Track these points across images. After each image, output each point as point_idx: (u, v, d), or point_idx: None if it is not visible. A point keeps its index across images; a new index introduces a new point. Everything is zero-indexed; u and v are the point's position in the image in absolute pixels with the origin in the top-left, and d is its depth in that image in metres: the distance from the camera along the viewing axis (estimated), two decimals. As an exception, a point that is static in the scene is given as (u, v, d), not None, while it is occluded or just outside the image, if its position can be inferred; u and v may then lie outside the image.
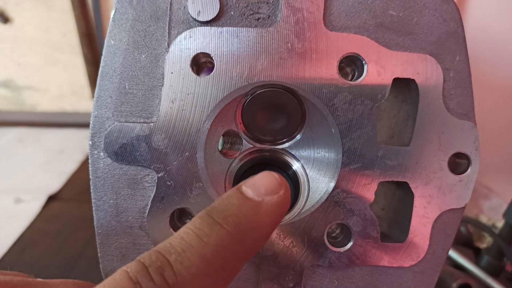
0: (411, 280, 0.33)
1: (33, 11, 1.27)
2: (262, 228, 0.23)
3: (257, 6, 0.31)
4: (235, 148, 0.35)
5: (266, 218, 0.23)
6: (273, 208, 0.23)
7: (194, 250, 0.21)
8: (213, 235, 0.21)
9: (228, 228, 0.22)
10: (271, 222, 0.23)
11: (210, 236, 0.21)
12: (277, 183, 0.24)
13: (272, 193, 0.23)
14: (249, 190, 0.24)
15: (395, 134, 0.35)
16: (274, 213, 0.23)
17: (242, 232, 0.22)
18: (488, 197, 1.08)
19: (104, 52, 0.31)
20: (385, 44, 0.31)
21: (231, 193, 0.24)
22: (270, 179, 0.24)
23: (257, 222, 0.23)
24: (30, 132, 1.40)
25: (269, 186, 0.24)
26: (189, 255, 0.20)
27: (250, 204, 0.23)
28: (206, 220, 0.22)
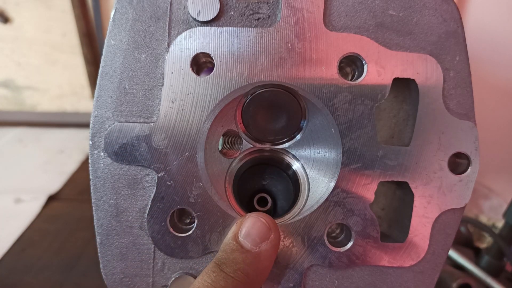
0: (411, 280, 0.33)
1: (33, 11, 1.27)
2: (264, 270, 0.29)
3: (257, 6, 0.31)
4: (235, 148, 0.35)
5: (266, 262, 0.29)
6: (269, 252, 0.29)
7: None
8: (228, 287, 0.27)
9: (240, 279, 0.27)
10: (270, 262, 0.29)
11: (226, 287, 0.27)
12: (267, 228, 0.29)
13: (265, 239, 0.29)
14: (247, 243, 0.29)
15: (395, 134, 0.35)
16: (271, 254, 0.29)
17: (251, 280, 0.27)
18: (488, 197, 1.08)
19: (104, 52, 0.31)
20: (385, 44, 0.31)
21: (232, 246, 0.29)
22: (261, 225, 0.29)
23: (260, 268, 0.28)
24: (30, 132, 1.40)
25: (261, 234, 0.29)
26: None
27: (251, 255, 0.28)
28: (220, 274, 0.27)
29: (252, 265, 0.28)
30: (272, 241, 0.29)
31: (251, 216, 0.30)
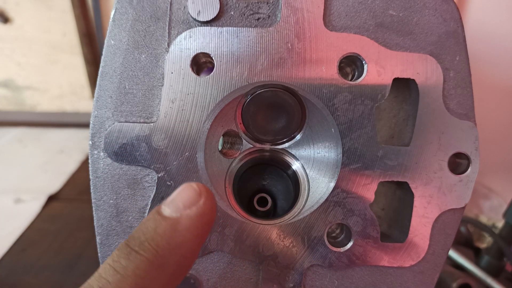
0: (411, 280, 0.33)
1: (33, 11, 1.27)
2: (183, 247, 0.21)
3: (257, 6, 0.31)
4: (235, 148, 0.35)
5: (187, 234, 0.21)
6: (193, 221, 0.21)
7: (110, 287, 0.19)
8: (130, 266, 0.20)
9: (145, 254, 0.20)
10: (193, 237, 0.21)
11: (127, 267, 0.20)
12: (195, 193, 0.22)
13: (191, 205, 0.22)
14: (167, 208, 0.22)
15: (395, 134, 0.35)
16: (196, 226, 0.21)
17: (161, 256, 0.20)
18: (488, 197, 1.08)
19: (104, 52, 0.31)
20: (385, 44, 0.31)
21: (149, 215, 0.22)
22: (188, 190, 0.22)
23: (176, 241, 0.21)
24: (30, 132, 1.40)
25: (186, 199, 0.22)
26: None
27: (167, 223, 0.21)
28: (123, 251, 0.20)
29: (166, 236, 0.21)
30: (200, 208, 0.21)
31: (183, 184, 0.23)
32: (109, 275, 0.20)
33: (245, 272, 0.33)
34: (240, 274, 0.33)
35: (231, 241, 0.32)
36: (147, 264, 0.20)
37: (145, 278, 0.20)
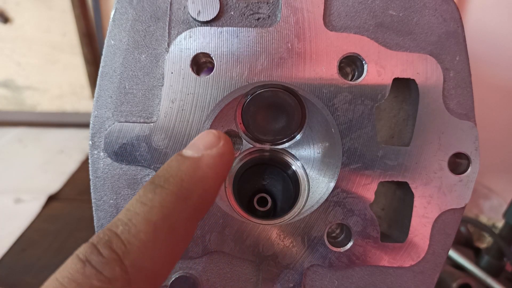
0: (411, 280, 0.33)
1: (33, 11, 1.27)
2: (205, 181, 0.23)
3: (257, 6, 0.31)
4: (235, 148, 0.35)
5: (208, 170, 0.23)
6: (214, 159, 0.23)
7: (139, 217, 0.20)
8: (157, 198, 0.21)
9: (171, 187, 0.22)
10: (214, 174, 0.23)
11: (154, 199, 0.21)
12: (214, 137, 0.24)
13: (211, 146, 0.24)
14: (188, 150, 0.24)
15: (395, 134, 0.35)
16: (216, 164, 0.23)
17: (185, 189, 0.22)
18: (488, 197, 1.08)
19: (104, 52, 0.31)
20: (385, 44, 0.31)
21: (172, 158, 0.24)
22: (208, 135, 0.24)
23: (199, 176, 0.22)
24: (30, 132, 1.40)
25: (207, 142, 0.24)
26: (135, 223, 0.20)
27: (189, 161, 0.23)
28: (148, 187, 0.22)
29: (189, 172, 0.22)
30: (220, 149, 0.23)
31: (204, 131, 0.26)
32: (137, 207, 0.21)
33: (245, 272, 0.33)
34: (240, 274, 0.33)
35: (231, 241, 0.32)
36: (173, 196, 0.21)
37: (171, 208, 0.21)
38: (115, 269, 0.19)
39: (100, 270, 0.19)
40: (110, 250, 0.19)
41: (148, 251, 0.20)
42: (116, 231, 0.20)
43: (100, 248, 0.19)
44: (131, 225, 0.20)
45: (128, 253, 0.19)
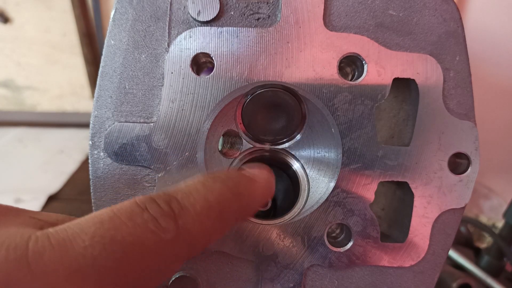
0: (411, 280, 0.33)
1: (33, 11, 1.27)
2: (254, 195, 0.27)
3: (257, 6, 0.31)
4: (235, 148, 0.35)
5: (258, 189, 0.27)
6: (263, 185, 0.28)
7: (199, 193, 0.23)
8: (217, 186, 0.24)
9: (229, 185, 0.25)
10: (261, 194, 0.28)
11: (214, 186, 0.24)
12: (266, 172, 0.29)
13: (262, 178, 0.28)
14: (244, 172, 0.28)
15: (395, 134, 0.35)
16: (264, 189, 0.28)
17: (240, 192, 0.25)
18: (488, 197, 1.08)
19: (104, 52, 0.31)
20: (385, 44, 0.31)
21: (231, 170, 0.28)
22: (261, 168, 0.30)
23: (251, 189, 0.27)
24: (30, 132, 1.40)
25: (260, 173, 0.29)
26: (195, 196, 0.23)
27: (246, 176, 0.27)
28: (209, 177, 0.25)
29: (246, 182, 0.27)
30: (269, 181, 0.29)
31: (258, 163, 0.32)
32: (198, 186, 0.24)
33: (245, 272, 0.33)
34: (240, 274, 0.33)
35: (231, 241, 0.32)
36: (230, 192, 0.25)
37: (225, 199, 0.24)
38: (169, 222, 0.21)
39: (157, 218, 0.21)
40: (168, 206, 0.22)
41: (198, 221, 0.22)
42: (176, 196, 0.22)
43: (160, 202, 0.22)
44: (190, 196, 0.23)
45: (183, 215, 0.22)
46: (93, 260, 0.18)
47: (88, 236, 0.19)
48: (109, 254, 0.19)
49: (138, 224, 0.20)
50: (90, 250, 0.18)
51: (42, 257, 0.18)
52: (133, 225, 0.20)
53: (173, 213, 0.21)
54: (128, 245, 0.19)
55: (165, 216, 0.21)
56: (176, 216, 0.21)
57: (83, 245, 0.18)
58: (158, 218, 0.21)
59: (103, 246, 0.19)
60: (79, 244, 0.18)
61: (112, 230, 0.19)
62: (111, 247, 0.19)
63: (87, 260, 0.18)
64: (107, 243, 0.19)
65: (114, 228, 0.19)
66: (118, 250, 0.19)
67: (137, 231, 0.20)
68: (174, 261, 0.22)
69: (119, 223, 0.20)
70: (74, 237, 0.19)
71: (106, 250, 0.19)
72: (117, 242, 0.19)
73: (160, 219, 0.21)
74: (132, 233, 0.20)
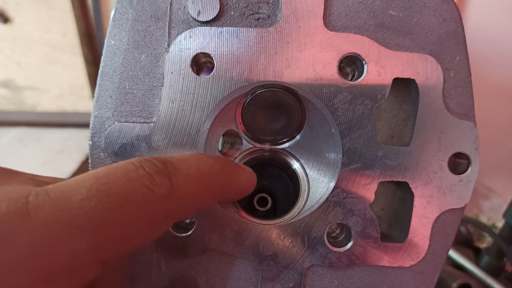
0: (411, 280, 0.33)
1: (33, 11, 1.27)
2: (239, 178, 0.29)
3: (257, 6, 0.31)
4: (235, 148, 0.35)
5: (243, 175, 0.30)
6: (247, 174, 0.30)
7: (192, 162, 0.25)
8: (209, 160, 0.27)
9: (220, 162, 0.27)
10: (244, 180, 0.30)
11: (207, 159, 0.26)
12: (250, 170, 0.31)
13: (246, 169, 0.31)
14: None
15: (395, 134, 0.35)
16: (248, 176, 0.30)
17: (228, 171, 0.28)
18: (488, 197, 1.08)
19: (104, 52, 0.31)
20: (385, 44, 0.31)
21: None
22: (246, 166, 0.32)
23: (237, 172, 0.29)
24: (30, 132, 1.40)
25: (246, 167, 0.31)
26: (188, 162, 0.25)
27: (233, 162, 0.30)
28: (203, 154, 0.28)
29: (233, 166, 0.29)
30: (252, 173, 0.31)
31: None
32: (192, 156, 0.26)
33: (245, 272, 0.33)
34: (240, 274, 0.33)
35: (231, 241, 0.32)
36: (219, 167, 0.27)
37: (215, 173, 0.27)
38: (163, 179, 0.22)
39: (151, 174, 0.22)
40: (163, 166, 0.23)
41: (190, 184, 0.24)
42: (171, 160, 0.24)
43: (155, 162, 0.23)
44: (185, 162, 0.25)
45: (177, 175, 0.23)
46: (90, 211, 0.19)
47: (85, 190, 0.20)
48: (104, 205, 0.20)
49: (133, 179, 0.21)
50: (87, 202, 0.19)
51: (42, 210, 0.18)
52: (128, 180, 0.21)
53: (167, 172, 0.23)
54: (122, 197, 0.20)
55: (160, 173, 0.22)
56: (170, 175, 0.23)
57: (80, 197, 0.19)
58: (152, 174, 0.22)
59: (99, 199, 0.20)
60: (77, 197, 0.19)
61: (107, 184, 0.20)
62: (106, 199, 0.20)
63: (84, 211, 0.19)
64: (102, 195, 0.20)
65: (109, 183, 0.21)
66: (113, 202, 0.20)
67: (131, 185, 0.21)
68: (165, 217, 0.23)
69: (114, 178, 0.21)
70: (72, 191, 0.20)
71: (102, 202, 0.20)
72: (112, 195, 0.20)
73: (154, 175, 0.22)
74: (126, 188, 0.21)
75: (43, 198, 0.19)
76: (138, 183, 0.21)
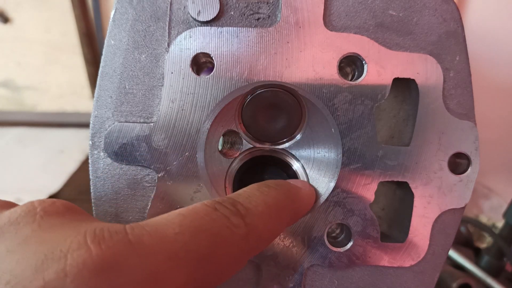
0: (411, 280, 0.33)
1: (33, 11, 1.27)
2: (302, 201, 0.30)
3: (257, 6, 0.31)
4: (235, 148, 0.35)
5: (304, 196, 0.30)
6: (308, 194, 0.31)
7: (258, 197, 0.26)
8: (272, 191, 0.27)
9: (282, 190, 0.28)
10: (306, 201, 0.31)
11: (269, 191, 0.27)
12: (307, 183, 0.33)
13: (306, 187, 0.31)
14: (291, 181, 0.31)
15: (395, 134, 0.35)
16: (308, 197, 0.31)
17: (291, 196, 0.29)
18: (488, 197, 1.08)
19: (104, 52, 0.31)
20: (385, 44, 0.31)
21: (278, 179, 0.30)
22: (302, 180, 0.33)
23: (300, 194, 0.30)
24: (30, 132, 1.40)
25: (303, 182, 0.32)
26: (255, 199, 0.26)
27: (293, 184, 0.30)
28: (263, 184, 0.28)
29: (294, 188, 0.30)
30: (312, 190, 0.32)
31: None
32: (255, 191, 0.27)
33: (245, 272, 0.33)
34: (240, 274, 0.33)
35: (231, 241, 0.32)
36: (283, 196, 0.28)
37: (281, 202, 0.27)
38: (239, 220, 0.23)
39: (228, 217, 0.23)
40: (235, 208, 0.24)
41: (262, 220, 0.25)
42: (238, 200, 0.25)
43: (226, 204, 0.24)
44: (251, 200, 0.25)
45: (248, 215, 0.24)
46: (185, 245, 0.20)
47: (176, 225, 0.20)
48: (198, 241, 0.21)
49: (214, 219, 0.22)
50: (181, 237, 0.20)
51: (143, 240, 0.19)
52: (212, 220, 0.22)
53: (240, 213, 0.24)
54: (212, 235, 0.21)
55: (234, 215, 0.23)
56: (243, 216, 0.24)
57: (174, 232, 0.20)
58: (229, 217, 0.23)
59: (191, 234, 0.21)
60: (171, 231, 0.20)
61: (196, 221, 0.21)
62: (199, 235, 0.21)
63: (180, 245, 0.20)
64: (194, 231, 0.21)
65: (197, 220, 0.22)
66: (204, 238, 0.21)
67: (216, 224, 0.22)
68: (246, 254, 0.24)
69: (199, 217, 0.22)
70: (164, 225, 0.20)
71: (195, 237, 0.21)
72: (203, 231, 0.21)
73: (231, 217, 0.23)
74: (213, 226, 0.22)
75: (141, 231, 0.19)
76: (220, 223, 0.22)
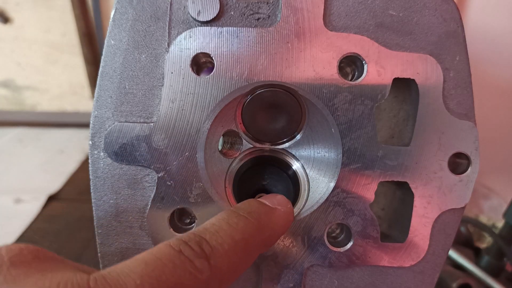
0: (411, 280, 0.33)
1: (33, 11, 1.27)
2: (275, 226, 0.28)
3: (257, 6, 0.31)
4: (235, 148, 0.35)
5: (279, 219, 0.29)
6: (283, 215, 0.29)
7: (225, 232, 0.25)
8: (240, 223, 0.26)
9: (252, 220, 0.27)
10: (282, 224, 0.29)
11: (238, 224, 0.26)
12: (285, 199, 0.30)
13: (282, 205, 0.29)
14: (265, 200, 0.30)
15: (395, 134, 0.35)
16: (284, 218, 0.29)
17: (262, 225, 0.27)
18: (488, 197, 1.08)
19: (104, 52, 0.31)
20: (385, 44, 0.31)
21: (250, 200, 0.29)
22: (280, 196, 0.31)
23: (272, 220, 0.28)
24: (30, 132, 1.40)
25: (280, 200, 0.30)
26: (222, 235, 0.25)
27: (267, 207, 0.29)
28: (233, 213, 0.27)
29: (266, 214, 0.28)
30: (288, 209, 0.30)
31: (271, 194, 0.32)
32: (223, 225, 0.26)
33: (245, 272, 0.33)
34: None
35: (231, 241, 0.32)
36: (252, 227, 0.27)
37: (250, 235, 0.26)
38: (203, 263, 0.23)
39: (192, 260, 0.22)
40: (200, 248, 0.23)
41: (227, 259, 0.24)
42: (205, 237, 0.24)
43: (192, 245, 0.23)
44: (218, 236, 0.25)
45: (214, 255, 0.23)
46: None
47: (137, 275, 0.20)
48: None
49: (177, 266, 0.22)
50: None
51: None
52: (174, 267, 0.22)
53: (205, 254, 0.23)
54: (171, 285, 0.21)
55: (199, 258, 0.23)
56: (208, 257, 0.23)
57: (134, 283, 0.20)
58: (193, 260, 0.22)
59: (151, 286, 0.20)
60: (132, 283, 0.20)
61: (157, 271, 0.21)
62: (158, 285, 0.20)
63: None
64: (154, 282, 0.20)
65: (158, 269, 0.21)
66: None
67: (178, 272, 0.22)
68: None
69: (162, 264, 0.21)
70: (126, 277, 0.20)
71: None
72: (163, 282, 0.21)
73: (195, 261, 0.22)
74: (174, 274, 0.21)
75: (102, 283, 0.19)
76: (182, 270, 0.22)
